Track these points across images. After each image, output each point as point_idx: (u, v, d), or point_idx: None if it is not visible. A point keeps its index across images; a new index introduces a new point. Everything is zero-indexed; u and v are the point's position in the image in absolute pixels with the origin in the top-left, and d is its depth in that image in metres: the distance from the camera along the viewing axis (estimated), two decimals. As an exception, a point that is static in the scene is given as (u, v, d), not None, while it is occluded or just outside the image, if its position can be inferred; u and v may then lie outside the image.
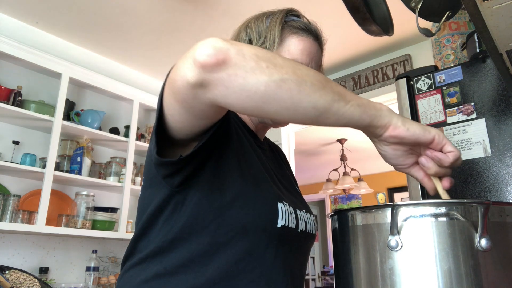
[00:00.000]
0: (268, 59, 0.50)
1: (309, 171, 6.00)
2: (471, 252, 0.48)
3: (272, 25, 0.83)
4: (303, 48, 0.82)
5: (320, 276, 6.79)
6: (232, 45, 0.49)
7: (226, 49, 0.48)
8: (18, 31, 2.45)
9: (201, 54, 0.48)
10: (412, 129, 0.55)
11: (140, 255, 0.69)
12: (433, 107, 1.38)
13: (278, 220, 0.69)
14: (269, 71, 0.49)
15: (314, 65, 0.83)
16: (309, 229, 0.79)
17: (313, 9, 2.42)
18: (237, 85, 0.49)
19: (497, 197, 1.18)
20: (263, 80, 0.49)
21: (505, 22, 0.69)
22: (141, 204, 0.73)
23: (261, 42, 0.81)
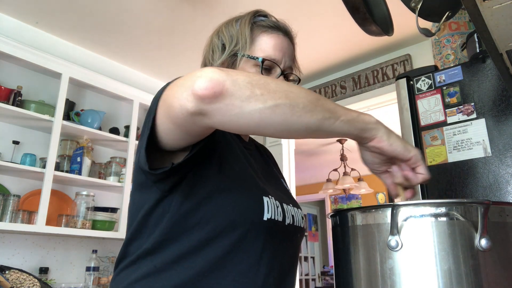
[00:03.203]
0: (262, 85, 0.53)
1: (309, 171, 6.00)
2: (471, 252, 0.48)
3: (242, 27, 0.85)
4: (275, 44, 0.84)
5: (320, 276, 6.79)
6: (227, 76, 0.52)
7: (222, 80, 0.51)
8: (18, 31, 2.45)
9: (200, 87, 0.51)
10: (395, 145, 0.60)
11: (131, 257, 0.72)
12: (433, 107, 1.38)
13: (264, 213, 0.71)
14: (263, 98, 0.52)
15: (287, 59, 0.85)
16: (297, 223, 0.81)
17: (313, 9, 2.42)
18: (234, 114, 0.53)
19: (497, 197, 1.18)
20: (258, 108, 0.52)
21: (505, 22, 0.69)
22: (132, 208, 0.76)
23: (233, 44, 0.84)
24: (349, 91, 3.08)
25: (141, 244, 0.71)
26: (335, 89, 3.18)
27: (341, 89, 3.14)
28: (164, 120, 0.59)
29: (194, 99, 0.52)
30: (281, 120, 0.54)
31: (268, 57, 0.82)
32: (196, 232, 0.68)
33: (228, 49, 0.84)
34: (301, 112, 0.54)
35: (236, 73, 0.54)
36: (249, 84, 0.53)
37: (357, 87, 3.04)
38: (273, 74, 0.83)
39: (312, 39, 2.74)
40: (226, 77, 0.52)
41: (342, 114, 0.58)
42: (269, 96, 0.53)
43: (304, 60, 3.04)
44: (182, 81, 0.55)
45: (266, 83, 0.54)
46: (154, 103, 0.62)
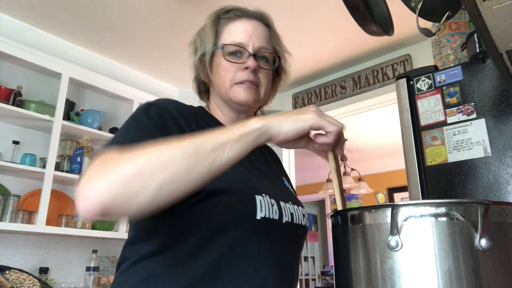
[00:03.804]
0: (135, 177, 0.52)
1: (309, 171, 6.00)
2: (471, 252, 0.48)
3: (207, 27, 0.87)
4: (239, 29, 0.85)
5: (320, 276, 6.79)
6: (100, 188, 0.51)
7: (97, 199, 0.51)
8: (18, 31, 2.45)
9: (81, 211, 0.52)
10: (291, 131, 0.60)
11: (129, 261, 0.73)
12: (433, 107, 1.38)
13: (258, 212, 0.71)
14: (144, 189, 0.51)
15: (256, 40, 0.84)
16: (297, 221, 0.80)
17: (313, 9, 2.42)
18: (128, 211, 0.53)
19: (497, 197, 1.18)
20: (143, 201, 0.52)
21: (505, 22, 0.69)
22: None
23: (203, 48, 0.86)
24: (349, 91, 3.08)
25: (139, 248, 0.72)
26: (335, 89, 3.18)
27: (341, 89, 3.14)
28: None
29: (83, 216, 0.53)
30: (172, 193, 0.54)
31: (232, 43, 0.83)
32: (190, 236, 0.69)
33: (198, 52, 0.87)
34: (185, 176, 0.54)
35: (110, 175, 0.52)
36: (124, 185, 0.51)
37: (357, 87, 3.04)
38: (243, 57, 0.82)
39: (312, 39, 2.74)
40: (99, 190, 0.51)
41: (227, 142, 0.56)
42: (148, 183, 0.52)
43: (304, 60, 3.04)
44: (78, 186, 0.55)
45: (139, 172, 0.52)
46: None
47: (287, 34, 3.04)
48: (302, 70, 3.19)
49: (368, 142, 4.74)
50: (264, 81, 0.85)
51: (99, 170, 0.54)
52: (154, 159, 0.53)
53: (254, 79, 0.83)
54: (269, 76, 0.87)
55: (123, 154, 0.55)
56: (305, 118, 0.61)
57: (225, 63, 0.83)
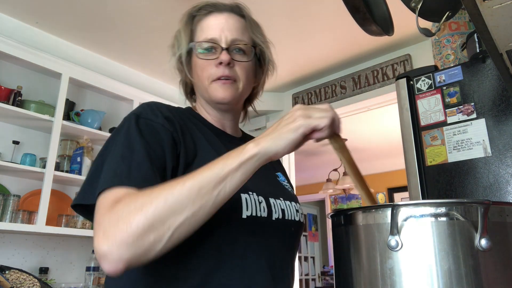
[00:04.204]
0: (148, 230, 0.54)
1: (309, 171, 6.00)
2: (471, 252, 0.48)
3: (181, 28, 0.86)
4: (210, 25, 0.83)
5: (320, 276, 6.79)
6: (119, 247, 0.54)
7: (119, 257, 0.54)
8: (18, 31, 2.45)
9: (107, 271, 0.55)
10: (288, 146, 0.60)
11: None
12: (433, 107, 1.38)
13: (243, 211, 0.70)
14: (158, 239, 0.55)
15: (228, 33, 0.82)
16: (289, 216, 0.78)
17: (313, 9, 2.42)
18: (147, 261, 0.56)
19: (497, 197, 1.18)
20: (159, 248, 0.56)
21: (505, 22, 0.69)
22: None
23: (180, 49, 0.85)
24: (349, 91, 3.08)
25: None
26: (335, 89, 3.18)
27: (341, 89, 3.14)
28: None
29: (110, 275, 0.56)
30: (185, 233, 0.57)
31: (204, 39, 0.82)
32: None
33: (177, 53, 0.86)
34: (194, 217, 0.56)
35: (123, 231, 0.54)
36: (139, 239, 0.54)
37: (357, 87, 3.04)
38: (217, 53, 0.81)
39: (312, 39, 2.74)
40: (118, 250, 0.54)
41: (227, 175, 0.58)
42: (161, 234, 0.55)
43: (304, 60, 3.04)
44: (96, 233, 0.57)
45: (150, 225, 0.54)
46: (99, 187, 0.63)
47: (287, 34, 3.06)
48: (302, 70, 3.19)
49: (368, 142, 4.74)
50: (242, 75, 0.82)
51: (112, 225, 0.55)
52: (162, 209, 0.55)
53: (229, 74, 0.80)
54: (247, 68, 0.84)
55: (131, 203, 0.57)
56: (295, 128, 0.60)
57: (200, 61, 0.82)
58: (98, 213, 0.59)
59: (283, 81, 3.36)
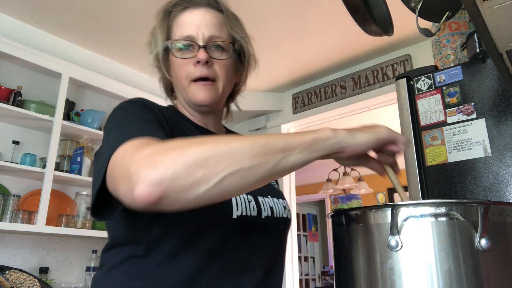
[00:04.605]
0: (201, 164, 0.49)
1: (309, 171, 6.00)
2: (471, 252, 0.48)
3: (158, 25, 0.83)
4: (185, 22, 0.79)
5: (320, 276, 6.79)
6: (164, 171, 0.48)
7: (159, 182, 0.47)
8: (18, 31, 2.45)
9: (139, 195, 0.48)
10: (365, 143, 0.59)
11: (106, 267, 0.71)
12: (433, 107, 1.38)
13: (234, 211, 0.69)
14: (205, 179, 0.49)
15: (205, 30, 0.78)
16: (278, 214, 0.78)
17: (313, 9, 2.42)
18: (182, 203, 0.50)
19: (497, 197, 1.18)
20: (202, 191, 0.49)
21: (505, 22, 0.69)
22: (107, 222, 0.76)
23: (156, 47, 0.82)
24: (349, 91, 3.08)
25: (115, 254, 0.71)
26: (335, 89, 3.18)
27: (341, 89, 3.14)
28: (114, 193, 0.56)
29: (138, 202, 0.49)
30: (232, 189, 0.51)
31: (180, 37, 0.78)
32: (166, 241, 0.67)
33: (154, 51, 0.82)
34: (249, 172, 0.51)
35: (173, 158, 0.49)
36: (188, 170, 0.48)
37: (357, 87, 3.04)
38: (194, 51, 0.77)
39: (312, 39, 2.74)
40: (162, 174, 0.48)
41: (297, 146, 0.54)
42: (211, 174, 0.49)
43: (304, 60, 3.04)
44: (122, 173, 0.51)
45: (205, 160, 0.49)
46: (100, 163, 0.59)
47: (287, 34, 3.05)
48: (302, 70, 3.19)
49: (368, 142, 4.73)
50: (222, 73, 0.80)
51: (160, 153, 0.50)
52: (221, 149, 0.50)
53: (208, 73, 0.77)
54: (227, 66, 0.81)
55: (183, 140, 0.52)
56: (378, 131, 0.61)
57: (177, 60, 0.79)
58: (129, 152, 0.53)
59: (283, 81, 3.36)
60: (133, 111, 0.68)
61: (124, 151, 0.54)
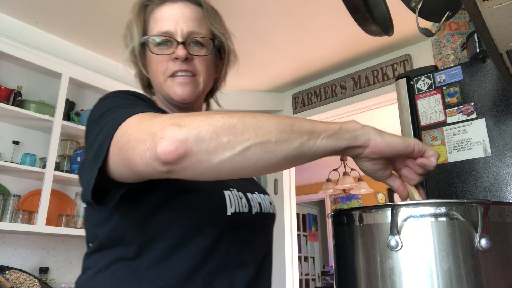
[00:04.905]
0: (227, 130, 0.48)
1: (309, 171, 6.00)
2: (471, 252, 0.48)
3: (133, 19, 0.80)
4: (163, 16, 0.76)
5: (320, 276, 6.79)
6: (189, 131, 0.47)
7: (185, 139, 0.47)
8: (18, 31, 2.45)
9: (163, 151, 0.47)
10: (392, 143, 0.55)
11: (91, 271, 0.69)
12: (433, 107, 1.38)
13: (228, 209, 0.69)
14: (230, 145, 0.48)
15: (184, 25, 0.76)
16: (265, 209, 0.78)
17: (313, 9, 2.42)
18: (203, 168, 0.49)
19: (497, 197, 1.18)
20: (226, 157, 0.48)
21: (505, 22, 0.69)
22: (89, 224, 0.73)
23: (132, 42, 0.79)
24: (349, 91, 3.08)
25: (103, 257, 0.68)
26: (335, 89, 3.18)
27: (341, 89, 3.14)
28: (121, 168, 0.54)
29: (159, 162, 0.48)
30: (255, 160, 0.50)
31: (157, 33, 0.75)
32: (160, 241, 0.65)
33: (129, 46, 0.79)
34: (275, 146, 0.50)
35: (199, 121, 0.48)
36: (214, 133, 0.48)
37: (357, 87, 3.04)
38: (172, 47, 0.75)
39: (312, 39, 2.74)
40: (188, 133, 0.47)
41: (323, 130, 0.53)
42: (237, 141, 0.48)
43: (304, 60, 3.04)
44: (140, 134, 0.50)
45: (231, 126, 0.48)
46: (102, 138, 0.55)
47: (287, 34, 3.05)
48: (302, 70, 3.19)
49: (368, 142, 4.73)
50: (202, 69, 0.77)
51: (186, 117, 0.49)
52: (248, 120, 0.50)
53: (187, 68, 0.75)
54: (207, 62, 0.78)
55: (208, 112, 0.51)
56: (408, 139, 0.56)
57: (155, 56, 0.76)
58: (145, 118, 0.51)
59: (283, 81, 3.36)
60: (126, 98, 0.66)
61: (136, 120, 0.53)
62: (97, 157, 0.55)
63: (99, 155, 0.55)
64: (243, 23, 2.51)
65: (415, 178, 0.60)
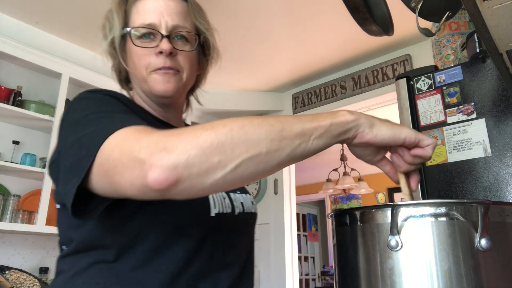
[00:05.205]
0: (216, 148, 0.47)
1: (309, 171, 6.00)
2: (471, 252, 0.48)
3: (113, 9, 0.76)
4: (147, 8, 0.73)
5: (320, 276, 6.79)
6: (178, 156, 0.46)
7: (174, 167, 0.46)
8: (18, 31, 2.45)
9: (153, 181, 0.46)
10: (380, 135, 0.55)
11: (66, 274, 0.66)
12: (433, 107, 1.38)
13: (211, 210, 0.68)
14: (222, 165, 0.47)
15: (169, 19, 0.73)
16: (248, 209, 0.77)
17: (313, 9, 2.42)
18: (197, 190, 0.48)
19: (497, 197, 1.18)
20: (219, 177, 0.47)
21: (505, 22, 0.69)
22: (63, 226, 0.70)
23: (112, 33, 0.76)
24: (349, 91, 3.08)
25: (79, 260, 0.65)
26: (335, 89, 3.18)
27: (341, 89, 3.14)
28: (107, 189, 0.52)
29: (151, 189, 0.47)
30: (248, 173, 0.49)
31: (141, 25, 0.72)
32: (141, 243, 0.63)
33: (108, 37, 0.76)
34: (266, 157, 0.49)
35: (186, 143, 0.47)
36: (203, 155, 0.46)
37: (357, 87, 3.04)
38: (156, 40, 0.72)
39: (312, 39, 2.74)
40: (177, 159, 0.46)
41: (313, 131, 0.51)
42: (228, 159, 0.47)
43: (304, 60, 3.04)
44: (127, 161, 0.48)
45: (220, 144, 0.47)
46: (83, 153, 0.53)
47: (287, 34, 3.05)
48: (302, 70, 3.19)
49: (368, 142, 4.73)
50: (186, 64, 0.75)
51: (171, 138, 0.47)
52: (237, 133, 0.48)
53: (172, 64, 0.72)
54: (191, 57, 0.76)
55: (195, 126, 0.49)
56: (400, 128, 0.55)
57: (137, 49, 0.72)
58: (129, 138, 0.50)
59: (283, 81, 3.36)
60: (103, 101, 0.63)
61: (120, 139, 0.51)
62: (76, 173, 0.53)
63: (78, 171, 0.53)
64: (243, 23, 2.51)
65: (403, 165, 0.59)
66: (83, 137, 0.55)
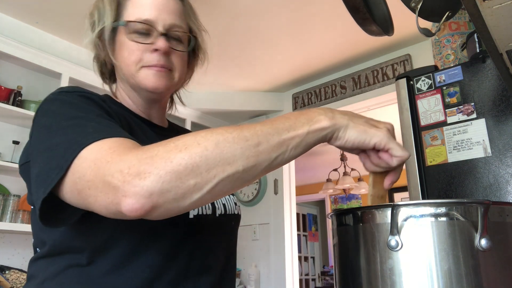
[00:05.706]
0: (191, 171, 0.45)
1: (309, 171, 6.00)
2: (471, 252, 0.48)
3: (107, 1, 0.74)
4: (145, 2, 0.72)
5: (320, 276, 6.79)
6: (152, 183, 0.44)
7: (149, 195, 0.44)
8: (18, 31, 2.45)
9: (128, 210, 0.45)
10: (350, 141, 0.54)
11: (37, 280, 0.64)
12: (433, 107, 1.38)
13: (190, 211, 0.66)
14: (198, 187, 0.46)
15: (167, 17, 0.72)
16: (230, 211, 0.76)
17: (313, 9, 2.42)
18: (175, 212, 0.48)
19: (497, 197, 1.18)
20: (196, 198, 0.47)
21: (505, 22, 0.69)
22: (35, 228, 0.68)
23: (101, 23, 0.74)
24: (349, 91, 3.08)
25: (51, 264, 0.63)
26: (335, 89, 3.18)
27: (341, 89, 3.14)
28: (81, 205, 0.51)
29: (125, 215, 0.46)
30: (226, 191, 0.49)
31: (137, 19, 0.70)
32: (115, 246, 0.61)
33: (97, 27, 0.74)
34: (243, 174, 0.48)
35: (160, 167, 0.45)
36: (178, 180, 0.45)
37: (357, 87, 3.04)
38: (151, 37, 0.71)
39: (312, 39, 2.74)
40: (151, 186, 0.44)
41: (291, 141, 0.51)
42: (204, 181, 0.46)
43: (304, 60, 3.04)
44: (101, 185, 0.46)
45: (195, 167, 0.45)
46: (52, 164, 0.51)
47: (287, 34, 3.05)
48: (302, 70, 3.19)
49: (368, 142, 4.72)
50: (179, 64, 0.74)
51: (144, 161, 0.46)
52: (211, 153, 0.46)
53: (165, 63, 0.71)
54: (183, 58, 0.76)
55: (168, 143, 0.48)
56: (372, 133, 0.54)
57: (130, 43, 0.70)
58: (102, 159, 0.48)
59: (283, 81, 3.36)
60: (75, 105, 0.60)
61: (93, 160, 0.49)
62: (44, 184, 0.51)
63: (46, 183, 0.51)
64: (243, 23, 2.51)
65: (369, 166, 0.59)
66: (54, 146, 0.53)
